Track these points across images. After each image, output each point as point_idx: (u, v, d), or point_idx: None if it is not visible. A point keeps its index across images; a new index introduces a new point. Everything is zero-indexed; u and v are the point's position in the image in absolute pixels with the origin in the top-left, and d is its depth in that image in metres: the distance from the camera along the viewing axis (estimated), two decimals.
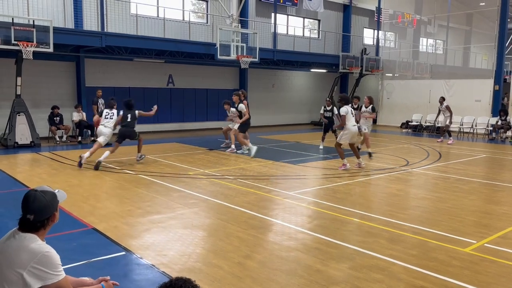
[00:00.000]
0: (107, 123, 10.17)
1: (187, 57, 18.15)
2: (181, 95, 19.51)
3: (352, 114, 9.91)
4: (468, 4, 28.58)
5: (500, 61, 19.79)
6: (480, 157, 12.84)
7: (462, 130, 19.15)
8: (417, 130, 20.89)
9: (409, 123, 21.72)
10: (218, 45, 16.15)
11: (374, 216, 6.38)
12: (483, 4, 26.56)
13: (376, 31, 26.40)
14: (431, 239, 5.32)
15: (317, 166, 10.83)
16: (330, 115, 13.69)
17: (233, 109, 12.54)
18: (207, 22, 19.80)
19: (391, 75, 24.77)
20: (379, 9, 25.32)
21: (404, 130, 21.55)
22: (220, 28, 16.53)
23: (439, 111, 16.50)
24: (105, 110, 10.46)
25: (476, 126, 18.95)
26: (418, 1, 27.40)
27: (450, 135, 15.79)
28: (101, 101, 13.93)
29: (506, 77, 21.00)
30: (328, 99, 15.06)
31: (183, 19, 18.79)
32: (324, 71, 24.00)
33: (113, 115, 10.24)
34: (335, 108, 13.63)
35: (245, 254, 4.78)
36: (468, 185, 8.67)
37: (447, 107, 15.77)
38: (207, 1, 19.78)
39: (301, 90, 24.70)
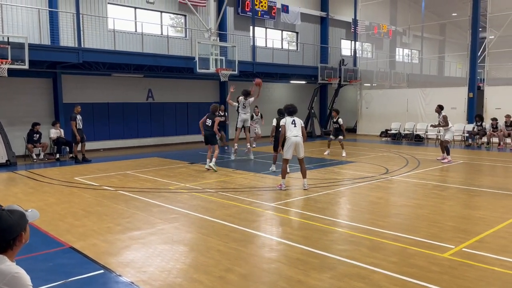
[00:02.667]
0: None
1: (166, 71, 18.13)
2: (161, 109, 19.40)
3: (294, 124, 8.87)
4: (441, 15, 29.44)
5: (473, 69, 20.34)
6: (457, 163, 13.08)
7: (439, 137, 19.47)
8: (396, 138, 21.21)
9: (388, 132, 22.06)
10: (197, 59, 16.15)
11: (355, 224, 6.42)
12: (455, 14, 27.40)
13: (353, 42, 26.87)
14: (411, 245, 5.37)
15: (298, 176, 10.84)
16: (338, 126, 14.98)
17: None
18: (185, 36, 19.84)
19: (369, 85, 25.20)
20: (355, 21, 25.83)
21: (383, 139, 21.85)
22: (199, 42, 16.55)
23: (439, 122, 13.58)
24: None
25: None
26: (392, 13, 28.06)
27: (448, 153, 13.21)
28: (79, 117, 13.68)
29: (479, 84, 21.53)
30: (334, 110, 16.01)
31: (162, 34, 18.79)
32: (304, 82, 24.24)
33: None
34: (340, 119, 14.94)
35: (226, 267, 4.73)
36: (446, 191, 8.82)
37: (444, 118, 13.07)
38: (185, 15, 19.85)
39: (281, 101, 24.60)
